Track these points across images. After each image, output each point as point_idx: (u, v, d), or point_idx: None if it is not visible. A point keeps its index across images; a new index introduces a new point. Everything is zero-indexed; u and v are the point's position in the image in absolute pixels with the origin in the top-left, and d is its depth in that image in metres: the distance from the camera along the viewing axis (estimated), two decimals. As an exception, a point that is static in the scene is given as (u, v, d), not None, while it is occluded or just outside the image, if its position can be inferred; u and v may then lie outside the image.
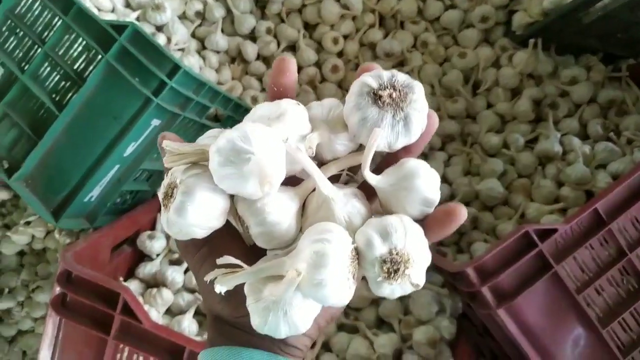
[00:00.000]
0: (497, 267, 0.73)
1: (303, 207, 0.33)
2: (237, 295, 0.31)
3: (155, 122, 0.85)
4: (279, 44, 1.22)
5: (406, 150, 0.34)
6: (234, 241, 0.34)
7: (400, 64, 1.23)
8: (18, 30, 0.87)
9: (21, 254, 1.13)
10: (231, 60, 1.23)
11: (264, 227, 0.31)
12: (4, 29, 0.87)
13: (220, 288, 0.30)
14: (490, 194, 1.03)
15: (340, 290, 0.30)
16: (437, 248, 1.03)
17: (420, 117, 0.32)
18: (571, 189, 0.97)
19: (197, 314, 0.93)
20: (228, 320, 0.34)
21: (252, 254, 0.32)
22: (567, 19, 1.05)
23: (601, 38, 1.10)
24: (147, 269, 0.95)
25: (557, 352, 0.74)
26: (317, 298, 0.30)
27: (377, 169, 0.34)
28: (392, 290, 0.31)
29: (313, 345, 0.89)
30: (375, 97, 0.32)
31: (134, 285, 0.94)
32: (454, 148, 1.15)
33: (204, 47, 1.21)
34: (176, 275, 0.93)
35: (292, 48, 1.24)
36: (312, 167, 0.31)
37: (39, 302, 1.07)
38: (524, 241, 0.73)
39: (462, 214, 0.32)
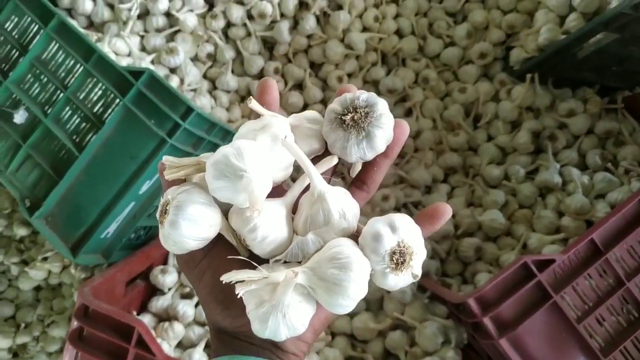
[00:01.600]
0: (497, 298, 0.75)
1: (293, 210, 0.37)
2: (236, 305, 0.33)
3: (169, 161, 0.89)
4: (286, 83, 1.28)
5: (384, 155, 0.38)
6: (231, 253, 0.35)
7: (402, 100, 1.27)
8: (42, 77, 0.93)
9: (37, 289, 1.17)
10: (241, 99, 1.28)
11: (258, 241, 0.34)
12: (29, 76, 0.93)
13: (240, 292, 0.32)
14: (492, 225, 1.05)
15: (354, 304, 0.33)
16: (442, 279, 1.05)
17: (382, 132, 0.36)
18: (571, 219, 0.99)
19: (208, 347, 0.95)
20: (229, 331, 0.36)
21: (249, 265, 0.34)
22: (562, 54, 1.09)
23: (596, 71, 1.14)
24: (159, 303, 0.98)
25: (561, 381, 0.75)
26: (337, 311, 0.33)
27: (359, 180, 0.39)
28: (397, 281, 0.34)
29: None
30: (341, 121, 0.36)
31: (146, 319, 0.97)
32: (456, 180, 1.18)
33: (215, 87, 1.26)
34: (187, 309, 0.96)
35: (299, 87, 1.29)
36: (308, 164, 0.35)
37: (54, 336, 1.10)
38: (523, 272, 0.76)
39: (447, 211, 0.36)
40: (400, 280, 0.34)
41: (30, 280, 1.12)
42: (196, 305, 0.99)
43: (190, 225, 0.33)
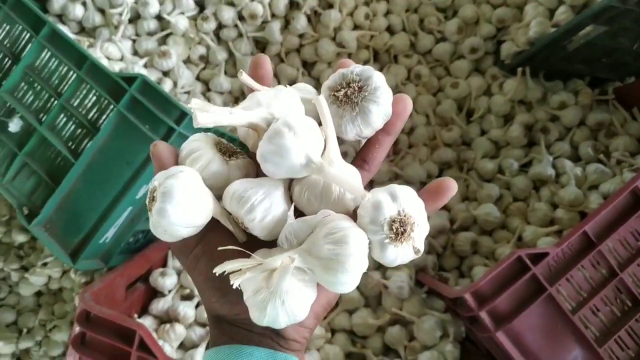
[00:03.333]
0: (493, 292, 0.76)
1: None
2: (233, 293, 0.32)
3: (165, 165, 0.90)
4: (279, 82, 1.28)
5: (384, 132, 0.36)
6: (226, 239, 0.34)
7: (395, 96, 1.28)
8: (36, 85, 0.93)
9: (38, 294, 1.18)
10: (235, 100, 1.29)
11: (258, 221, 0.33)
12: (22, 84, 0.94)
13: (235, 282, 0.30)
14: (487, 218, 1.06)
15: (356, 280, 0.31)
16: (439, 273, 1.06)
17: (377, 107, 0.34)
18: (565, 210, 1.00)
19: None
20: (228, 319, 0.35)
21: (245, 249, 0.33)
22: (553, 47, 1.10)
23: (587, 63, 1.14)
24: (159, 305, 0.99)
25: (557, 371, 0.76)
26: (338, 289, 0.31)
27: (360, 158, 0.37)
28: (397, 254, 0.32)
29: None
30: (335, 97, 0.35)
31: (147, 321, 0.98)
32: (450, 175, 1.19)
33: (208, 89, 1.27)
34: (188, 310, 0.97)
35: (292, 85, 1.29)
36: (331, 129, 0.33)
37: (56, 340, 1.11)
38: (518, 265, 0.77)
39: (452, 187, 0.34)
40: (400, 253, 0.32)
41: (31, 286, 1.13)
42: (197, 307, 1.00)
43: (179, 213, 0.32)
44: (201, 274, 0.35)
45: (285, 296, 0.31)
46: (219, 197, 0.35)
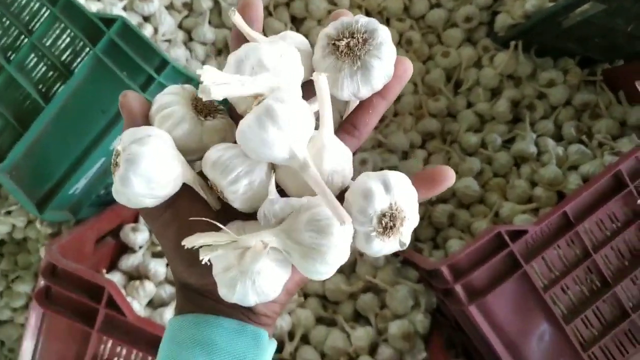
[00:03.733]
0: (470, 266, 0.76)
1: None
2: (203, 264, 0.30)
3: (142, 116, 0.86)
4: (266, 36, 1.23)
5: (380, 95, 0.33)
6: (197, 205, 0.32)
7: (384, 61, 1.24)
8: (4, 19, 0.86)
9: (1, 243, 1.13)
10: (218, 52, 1.24)
11: (241, 193, 0.30)
12: (-11, 18, 0.87)
13: (204, 257, 0.28)
14: (466, 192, 1.06)
15: (334, 271, 0.29)
16: (413, 243, 1.06)
17: (381, 63, 0.31)
18: (544, 189, 1.01)
19: (180, 304, 0.95)
20: (196, 288, 0.33)
21: (218, 218, 0.31)
22: (548, 23, 1.08)
23: (580, 42, 1.13)
24: (129, 261, 0.96)
25: (523, 346, 0.78)
26: (314, 277, 0.30)
27: (349, 123, 0.34)
28: (382, 247, 0.30)
29: (292, 338, 0.92)
30: (334, 47, 0.31)
31: (116, 277, 0.95)
32: (433, 146, 1.18)
33: (190, 39, 1.21)
34: (158, 267, 0.95)
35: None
36: (328, 108, 0.30)
37: (19, 292, 1.07)
38: (496, 241, 0.77)
39: (451, 176, 0.32)
40: (385, 247, 0.30)
41: (-6, 233, 1.08)
42: (167, 264, 0.98)
43: (144, 183, 0.29)
44: (170, 240, 0.32)
45: (256, 276, 0.29)
46: (190, 161, 0.32)
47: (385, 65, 0.31)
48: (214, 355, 0.31)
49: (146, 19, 1.15)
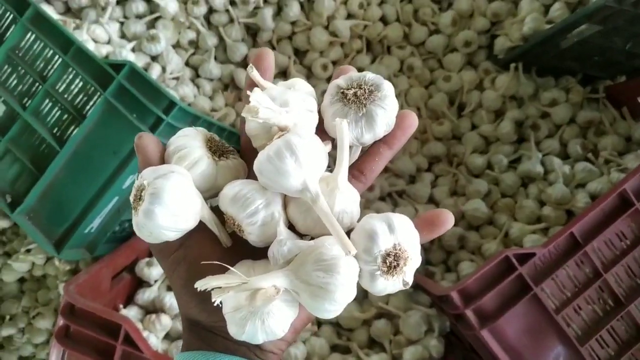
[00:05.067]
0: (479, 290, 0.77)
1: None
2: (212, 301, 0.31)
3: (152, 154, 0.88)
4: (270, 71, 1.26)
5: (386, 144, 0.36)
6: (208, 243, 0.34)
7: (387, 88, 1.27)
8: (20, 68, 0.90)
9: (21, 280, 1.16)
10: (224, 87, 1.27)
11: (259, 225, 0.32)
12: (6, 67, 0.91)
13: (217, 299, 0.29)
14: (475, 214, 1.07)
15: (342, 309, 0.31)
16: (425, 267, 1.07)
17: (384, 113, 0.34)
18: (552, 208, 1.01)
19: (195, 337, 0.96)
20: (204, 325, 0.34)
21: (228, 255, 0.33)
22: (546, 44, 1.10)
23: (579, 61, 1.14)
24: (145, 295, 0.98)
25: (539, 369, 0.77)
26: (322, 316, 0.31)
27: (356, 169, 0.36)
28: (385, 286, 0.31)
29: None
30: (343, 95, 0.35)
31: (133, 312, 0.97)
32: (440, 169, 1.19)
33: (197, 75, 1.24)
34: (174, 300, 0.96)
35: (283, 74, 1.28)
36: (346, 151, 0.32)
37: (40, 328, 1.10)
38: (505, 265, 0.77)
39: (449, 220, 0.34)
40: (389, 286, 0.32)
41: (14, 272, 1.11)
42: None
43: (167, 216, 0.30)
44: (180, 278, 0.34)
45: (265, 317, 0.31)
46: (208, 197, 0.34)
47: (388, 115, 0.35)
48: None
49: (154, 58, 1.19)
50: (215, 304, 0.30)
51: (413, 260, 0.32)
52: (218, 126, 1.00)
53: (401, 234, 0.31)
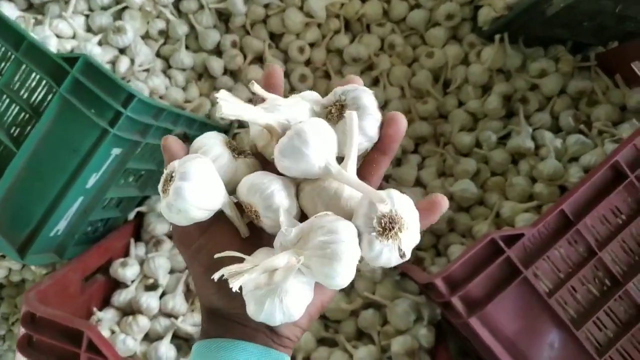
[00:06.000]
0: (465, 276, 0.72)
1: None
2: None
3: (116, 151, 0.84)
4: (245, 57, 1.21)
5: (380, 151, 0.37)
6: (228, 233, 0.36)
7: (369, 68, 1.22)
8: (-29, 68, 0.85)
9: (0, 287, 1.13)
10: (198, 77, 1.22)
11: (274, 208, 0.34)
12: (-43, 67, 0.86)
13: (234, 285, 0.30)
14: (464, 195, 1.02)
15: (351, 271, 0.32)
16: (414, 252, 1.02)
17: (364, 123, 0.35)
18: (545, 185, 0.96)
19: (175, 337, 0.93)
20: (223, 312, 0.35)
21: (247, 246, 0.34)
22: (531, 12, 1.04)
23: (568, 27, 1.08)
24: (122, 297, 0.94)
25: (533, 356, 0.73)
26: (334, 282, 0.32)
27: (360, 176, 0.36)
28: (381, 250, 0.32)
29: None
30: (327, 112, 0.37)
31: (110, 314, 0.93)
32: (427, 149, 1.14)
33: (169, 66, 1.19)
34: (151, 301, 0.92)
35: (259, 60, 1.23)
36: (355, 144, 0.34)
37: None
38: (491, 248, 0.72)
39: (444, 202, 0.35)
40: (385, 251, 0.32)
41: (-10, 279, 1.07)
42: (161, 297, 0.96)
43: (197, 193, 0.33)
44: (202, 265, 0.35)
45: (284, 295, 0.32)
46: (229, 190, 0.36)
47: (369, 125, 0.35)
48: None
49: (122, 51, 1.14)
50: (234, 290, 0.30)
51: (410, 231, 0.32)
52: (186, 117, 0.95)
53: (399, 203, 0.32)
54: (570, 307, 0.74)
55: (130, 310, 0.94)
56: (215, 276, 0.31)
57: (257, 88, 0.36)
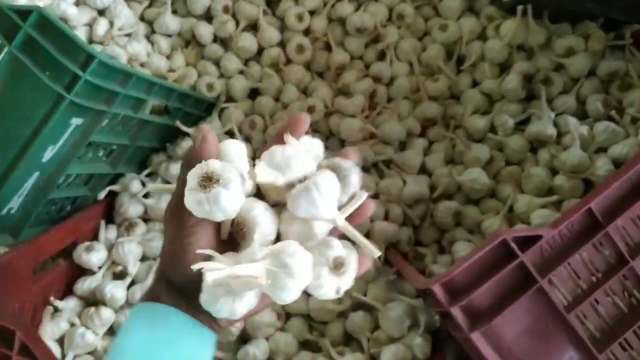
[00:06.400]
0: (469, 283, 0.61)
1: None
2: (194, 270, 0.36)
3: (76, 121, 0.74)
4: (237, 24, 1.09)
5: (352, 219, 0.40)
6: (212, 231, 0.39)
7: (374, 40, 1.10)
8: None
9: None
10: (186, 43, 1.11)
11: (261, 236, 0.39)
12: None
13: (208, 278, 0.34)
14: (473, 185, 0.90)
15: (295, 295, 0.37)
16: (414, 249, 0.91)
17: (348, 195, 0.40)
18: (566, 178, 0.84)
19: (143, 333, 0.83)
20: (178, 286, 0.39)
21: (224, 245, 0.40)
22: (561, -19, 0.91)
23: (600, 2, 0.95)
24: (85, 285, 0.85)
25: (545, 380, 0.62)
26: (281, 296, 0.36)
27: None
28: (325, 283, 0.38)
29: None
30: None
31: (71, 304, 0.84)
32: (435, 133, 1.02)
33: (153, 31, 1.08)
34: (116, 290, 0.83)
35: (253, 27, 1.11)
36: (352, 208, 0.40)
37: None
38: (502, 251, 0.61)
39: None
40: (328, 283, 0.38)
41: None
42: (129, 287, 0.86)
43: (231, 203, 0.37)
44: (177, 237, 0.39)
45: (237, 298, 0.37)
46: None
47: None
48: (177, 346, 0.38)
49: (101, 12, 1.03)
50: (208, 282, 0.34)
51: (350, 275, 0.39)
52: (162, 85, 0.84)
53: (352, 255, 0.40)
54: (592, 324, 0.63)
55: (94, 300, 0.85)
56: (194, 267, 0.35)
57: (291, 140, 0.40)
